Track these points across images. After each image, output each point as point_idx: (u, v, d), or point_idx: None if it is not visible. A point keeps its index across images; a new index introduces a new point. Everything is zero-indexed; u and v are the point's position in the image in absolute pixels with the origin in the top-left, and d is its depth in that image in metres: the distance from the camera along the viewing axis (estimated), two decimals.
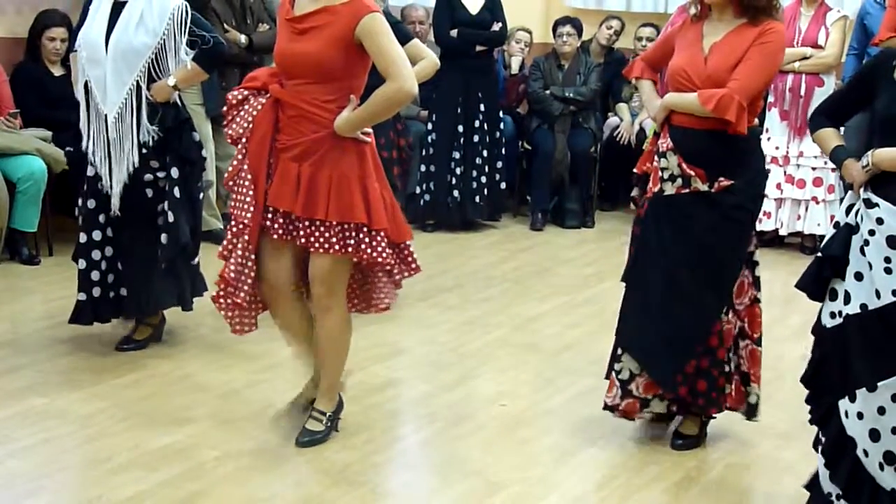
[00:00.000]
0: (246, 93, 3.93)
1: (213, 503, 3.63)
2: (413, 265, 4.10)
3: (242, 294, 3.95)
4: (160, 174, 4.76)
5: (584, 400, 4.63)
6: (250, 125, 3.88)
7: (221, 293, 3.97)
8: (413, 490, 3.91)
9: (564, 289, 6.48)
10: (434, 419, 4.42)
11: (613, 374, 4.19)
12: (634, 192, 4.23)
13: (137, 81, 4.66)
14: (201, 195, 5.01)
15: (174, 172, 4.77)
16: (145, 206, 4.78)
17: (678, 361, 4.05)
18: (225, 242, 3.98)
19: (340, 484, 3.79)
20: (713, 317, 4.03)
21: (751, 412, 4.18)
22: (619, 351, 4.18)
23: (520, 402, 4.64)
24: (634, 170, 4.21)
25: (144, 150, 4.70)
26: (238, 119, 3.91)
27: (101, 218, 4.82)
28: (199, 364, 4.86)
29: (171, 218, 4.75)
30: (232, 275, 3.92)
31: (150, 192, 4.78)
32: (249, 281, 3.94)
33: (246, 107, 3.90)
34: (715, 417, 4.25)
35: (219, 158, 6.98)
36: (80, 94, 4.76)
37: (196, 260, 4.99)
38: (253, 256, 3.93)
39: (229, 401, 4.46)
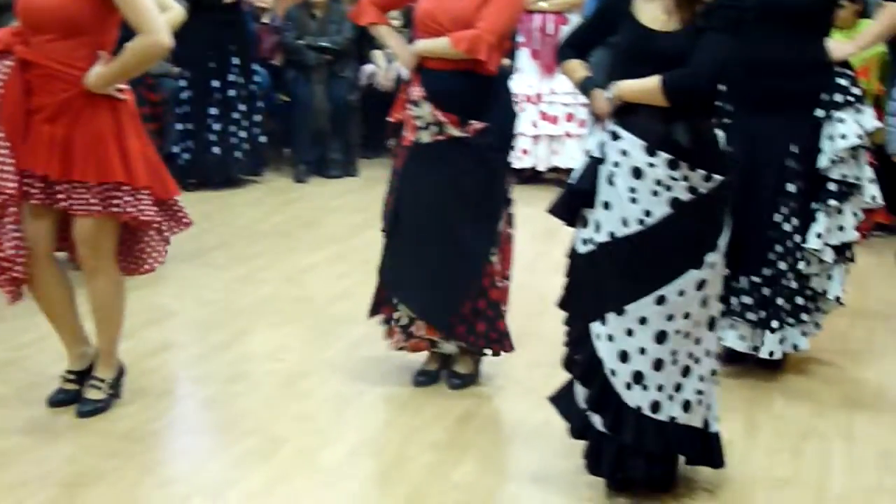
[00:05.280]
0: None
1: None
2: (184, 220, 4.07)
3: (20, 267, 3.80)
4: None
5: (360, 347, 4.68)
6: (0, 90, 3.69)
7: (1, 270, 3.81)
8: (194, 453, 3.86)
9: (333, 239, 6.50)
10: (211, 380, 4.37)
11: (393, 322, 4.23)
12: (392, 142, 4.25)
13: None
14: None
15: None
16: None
17: (452, 304, 4.14)
18: None
19: (119, 454, 3.70)
20: (483, 257, 4.13)
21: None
22: (395, 300, 4.23)
23: (296, 355, 4.65)
24: (389, 118, 4.24)
25: None
26: None
27: None
28: None
29: None
30: (11, 251, 3.76)
31: None
32: (24, 251, 3.80)
33: None
34: (486, 355, 4.37)
35: None
36: None
37: None
38: (23, 226, 3.78)
39: None
